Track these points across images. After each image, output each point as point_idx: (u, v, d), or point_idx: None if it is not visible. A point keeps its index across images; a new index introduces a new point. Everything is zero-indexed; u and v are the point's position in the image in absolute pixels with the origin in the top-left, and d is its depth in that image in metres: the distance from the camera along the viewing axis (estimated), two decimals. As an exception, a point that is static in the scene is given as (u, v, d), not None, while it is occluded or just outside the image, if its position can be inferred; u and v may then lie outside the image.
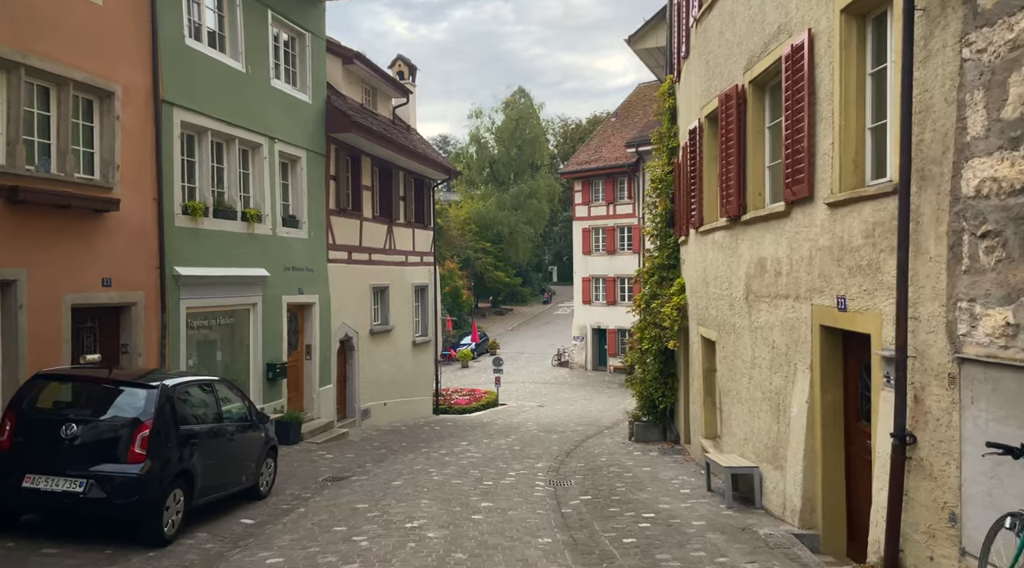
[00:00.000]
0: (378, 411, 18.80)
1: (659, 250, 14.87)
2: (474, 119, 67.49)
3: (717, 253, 10.06)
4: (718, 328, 10.10)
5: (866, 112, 6.40)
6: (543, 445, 15.35)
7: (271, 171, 14.10)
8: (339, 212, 16.84)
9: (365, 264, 18.21)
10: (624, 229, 38.74)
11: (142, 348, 10.85)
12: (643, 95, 44.02)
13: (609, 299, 39.24)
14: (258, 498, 9.20)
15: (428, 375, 22.68)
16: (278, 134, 14.28)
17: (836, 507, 6.92)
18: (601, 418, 22.80)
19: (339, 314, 16.76)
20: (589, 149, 41.85)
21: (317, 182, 15.85)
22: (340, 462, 12.53)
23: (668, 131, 14.66)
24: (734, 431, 9.46)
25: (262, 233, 13.78)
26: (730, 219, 9.29)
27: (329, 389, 16.25)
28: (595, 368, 39.96)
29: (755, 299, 8.55)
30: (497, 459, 13.06)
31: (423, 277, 21.99)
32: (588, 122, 78.49)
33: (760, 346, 8.38)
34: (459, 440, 16.23)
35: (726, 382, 9.80)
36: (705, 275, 10.81)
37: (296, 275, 14.94)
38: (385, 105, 21.01)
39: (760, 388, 8.40)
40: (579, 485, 10.23)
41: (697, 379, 11.80)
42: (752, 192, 8.77)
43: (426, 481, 10.51)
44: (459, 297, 49.99)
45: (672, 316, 12.83)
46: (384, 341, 19.25)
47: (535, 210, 65.01)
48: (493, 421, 21.92)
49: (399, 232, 20.23)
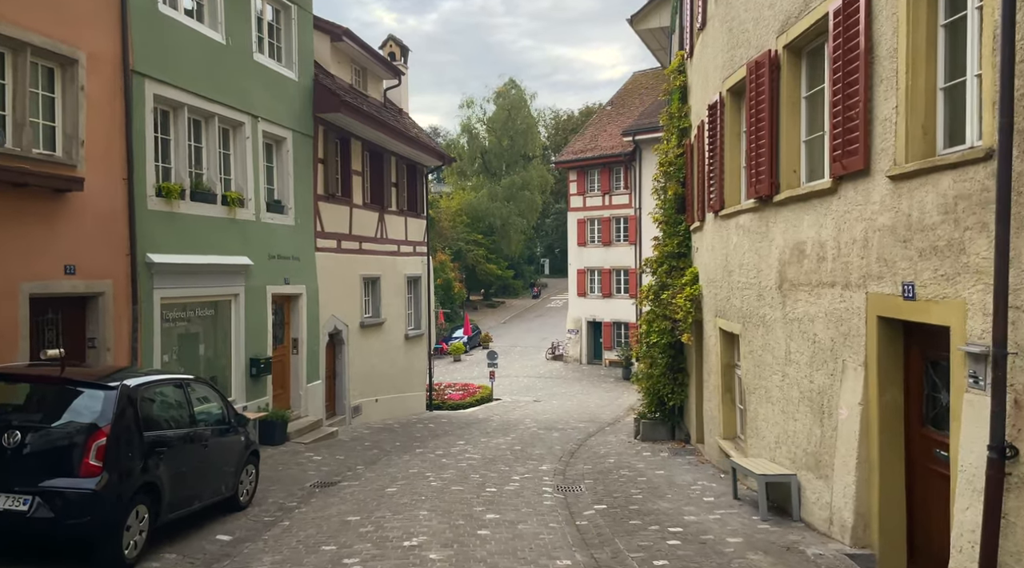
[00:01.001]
0: (369, 408, 17.88)
1: (668, 237, 14.00)
2: (465, 109, 66.34)
3: (742, 238, 9.19)
4: (743, 320, 9.25)
5: (938, 70, 5.54)
6: (545, 444, 14.49)
7: (254, 152, 13.12)
8: (328, 198, 15.87)
9: (355, 253, 17.26)
10: (620, 220, 37.88)
11: (111, 342, 9.89)
12: (639, 83, 43.23)
13: (605, 291, 38.40)
14: (237, 509, 8.28)
15: (421, 370, 21.77)
16: (261, 112, 13.29)
17: (895, 524, 6.09)
18: (601, 414, 21.99)
19: (328, 306, 15.81)
20: (584, 138, 40.93)
21: (304, 165, 14.87)
22: (329, 465, 11.62)
23: (678, 111, 13.77)
24: (762, 433, 8.61)
25: (244, 219, 12.81)
26: (759, 200, 8.42)
27: (317, 385, 15.32)
28: (590, 362, 39.14)
29: (791, 288, 7.69)
30: (498, 461, 12.19)
31: (416, 268, 21.05)
32: (581, 113, 77.58)
33: (797, 340, 7.53)
34: (455, 439, 15.35)
35: (752, 379, 8.95)
36: (727, 263, 9.95)
37: (281, 264, 13.98)
38: (376, 87, 20.02)
39: (797, 387, 7.55)
40: (591, 491, 9.37)
41: (714, 375, 10.96)
42: (786, 169, 7.90)
43: (423, 488, 9.63)
44: (451, 290, 49.09)
45: (685, 308, 11.97)
46: (375, 334, 18.32)
47: (527, 202, 64.05)
48: (489, 417, 21.05)
49: (391, 220, 19.27)
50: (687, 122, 13.47)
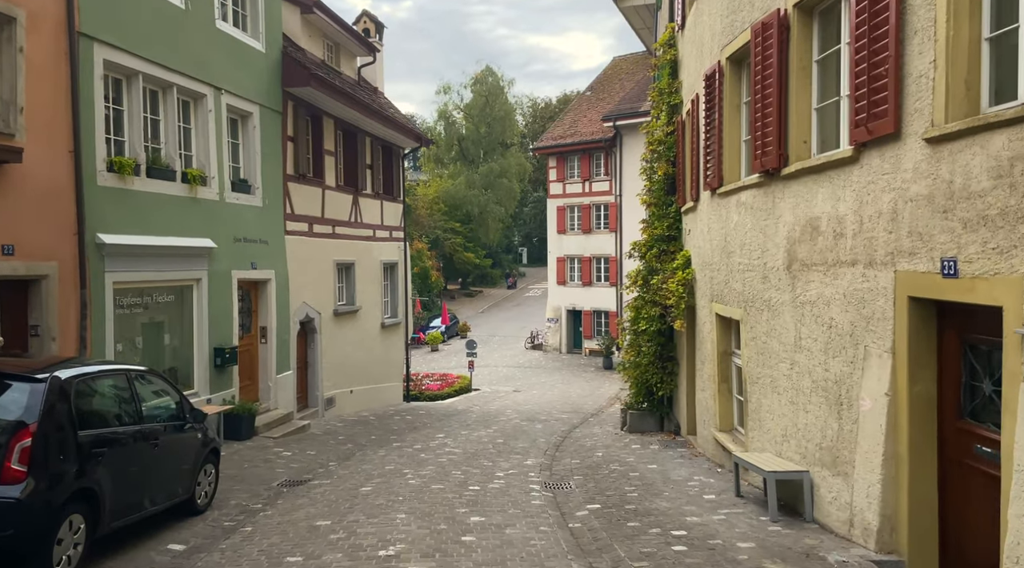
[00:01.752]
0: (343, 400, 17.10)
1: (658, 220, 13.35)
2: (442, 95, 65.29)
3: (744, 216, 8.55)
4: (744, 305, 8.62)
5: (983, 17, 4.90)
6: (528, 437, 13.83)
7: (217, 127, 12.23)
8: (298, 178, 15.01)
9: (328, 238, 16.42)
10: (600, 207, 37.27)
11: (57, 330, 9.03)
12: (619, 69, 42.58)
13: (584, 280, 37.81)
14: (195, 513, 7.51)
15: (398, 360, 21.00)
16: (225, 85, 12.40)
17: (926, 527, 5.49)
18: (583, 404, 21.39)
19: (299, 292, 14.99)
20: (564, 124, 40.20)
21: (272, 143, 13.99)
22: (299, 461, 10.85)
23: (668, 87, 13.10)
24: (766, 426, 8.01)
25: (207, 198, 11.94)
26: (765, 174, 7.77)
27: (288, 376, 14.51)
28: (570, 351, 38.60)
29: (802, 268, 7.06)
30: (480, 455, 11.50)
31: (392, 254, 20.24)
32: (559, 101, 76.78)
33: (810, 325, 6.91)
34: (434, 432, 14.64)
35: (755, 368, 8.33)
36: (726, 244, 9.31)
37: (248, 247, 13.12)
38: (349, 64, 19.11)
39: (809, 376, 6.93)
40: (581, 489, 8.71)
41: (709, 364, 10.34)
42: (795, 140, 7.26)
43: (401, 486, 8.90)
44: (428, 278, 48.20)
45: (678, 293, 11.34)
46: (350, 323, 17.51)
47: (506, 189, 63.22)
48: (469, 408, 20.36)
49: (366, 204, 18.43)
50: (678, 98, 12.80)
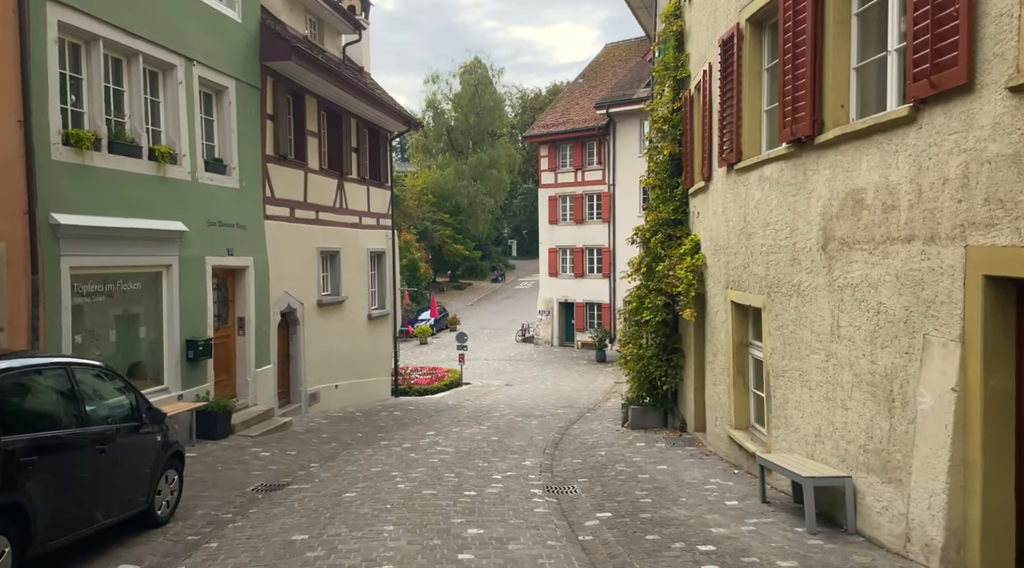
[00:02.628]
0: (328, 395, 16.22)
1: (663, 203, 12.53)
2: (430, 84, 64.21)
3: (769, 193, 7.74)
4: (768, 291, 7.82)
5: (1084, -60, 4.10)
6: (524, 434, 13.02)
7: (189, 101, 11.30)
8: (278, 159, 14.09)
9: (311, 224, 15.51)
10: (594, 197, 36.47)
11: (5, 320, 8.13)
12: (612, 56, 41.77)
13: (577, 271, 37.01)
14: (154, 526, 6.64)
15: (386, 353, 20.12)
16: (198, 55, 11.46)
17: (1002, 544, 4.71)
18: (578, 398, 20.62)
19: (280, 281, 14.08)
20: (556, 112, 39.32)
21: (250, 120, 13.06)
22: (278, 462, 9.99)
23: (674, 60, 12.27)
24: (794, 424, 7.22)
25: (178, 177, 11.01)
26: (794, 144, 6.97)
27: (268, 370, 13.61)
28: (562, 344, 37.83)
29: (842, 248, 6.26)
30: (474, 455, 10.67)
31: (379, 242, 19.33)
32: (548, 91, 75.82)
33: (851, 311, 6.11)
34: (424, 429, 13.80)
35: (780, 360, 7.54)
36: (745, 224, 8.50)
37: (224, 232, 12.21)
38: (334, 42, 18.16)
39: (850, 368, 6.14)
40: (587, 493, 7.91)
41: (723, 356, 9.56)
42: (832, 104, 6.45)
43: (389, 492, 8.06)
44: (417, 270, 47.27)
45: (687, 280, 10.54)
46: (335, 314, 16.62)
47: (495, 180, 62.28)
48: (460, 403, 19.53)
49: (351, 189, 17.52)
50: (685, 72, 11.98)
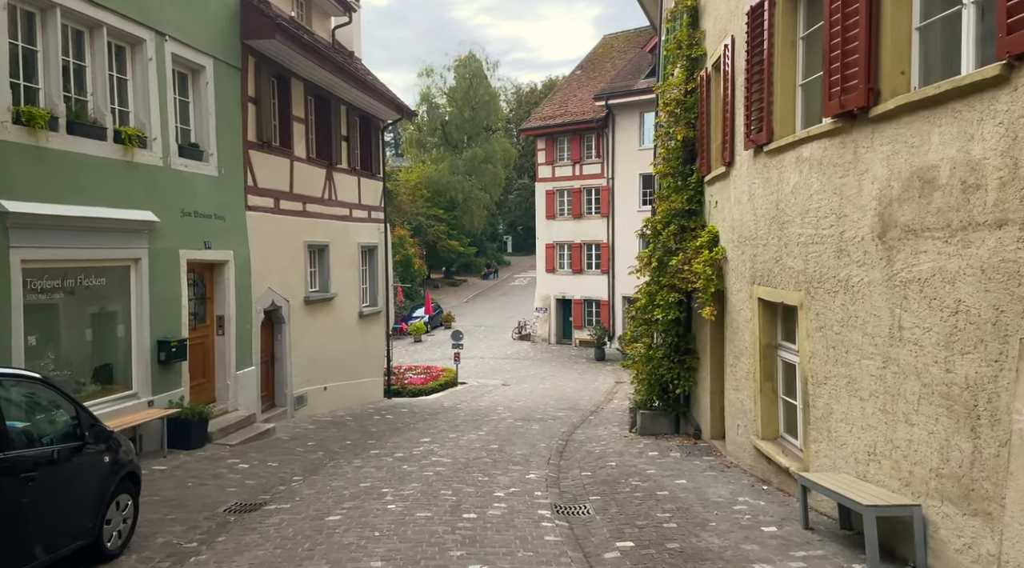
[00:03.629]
0: (316, 398, 15.29)
1: (675, 192, 11.63)
2: (424, 78, 63.13)
3: (809, 175, 6.84)
4: (806, 286, 6.93)
5: None
6: (526, 441, 12.13)
7: (161, 79, 10.34)
8: (262, 146, 13.13)
9: (298, 216, 14.56)
10: (592, 191, 35.59)
11: (-58, 320, 7.19)
12: (610, 47, 40.88)
13: (575, 267, 36.13)
14: (103, 560, 5.71)
15: (378, 352, 19.18)
16: (170, 30, 10.49)
17: None
18: (579, 400, 19.75)
19: (263, 277, 13.13)
20: (553, 104, 38.41)
21: (230, 103, 12.10)
22: (257, 476, 9.07)
23: (688, 38, 11.36)
24: (840, 439, 6.34)
25: (147, 163, 10.05)
26: (843, 118, 6.07)
27: (250, 373, 12.67)
28: (559, 342, 36.97)
29: (906, 236, 5.36)
30: (473, 467, 9.77)
31: (371, 236, 18.38)
32: (544, 86, 74.89)
33: (919, 310, 5.22)
34: (419, 435, 12.89)
35: (822, 365, 6.65)
36: (777, 212, 7.60)
37: (200, 223, 11.26)
38: (323, 24, 17.20)
39: (917, 377, 5.25)
40: (603, 515, 7.01)
41: (748, 358, 8.67)
42: (890, 70, 5.56)
43: (378, 514, 7.14)
44: (411, 266, 46.34)
45: (705, 275, 9.65)
46: (324, 312, 15.68)
47: (490, 176, 61.32)
48: (456, 405, 18.63)
49: (341, 179, 16.56)
50: (700, 50, 11.08)
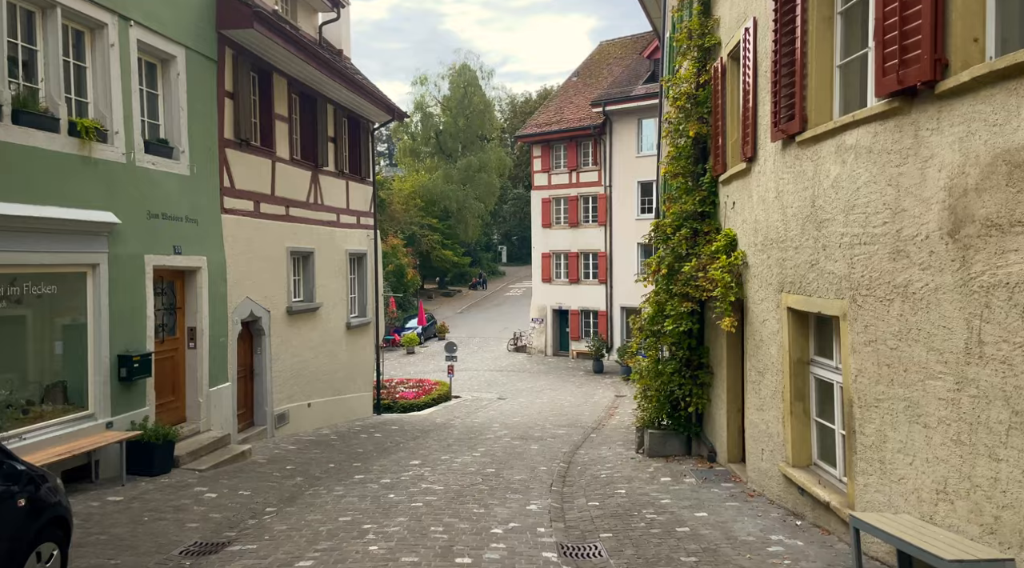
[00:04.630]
0: (299, 415, 14.30)
1: (687, 193, 10.75)
2: (418, 86, 62.51)
3: (855, 166, 5.95)
4: (851, 293, 6.02)
5: None
6: (524, 463, 11.17)
7: (124, 68, 9.41)
8: (240, 145, 12.20)
9: (280, 220, 13.62)
10: (589, 199, 34.76)
11: None
12: (607, 53, 40.21)
13: (572, 277, 35.24)
14: (20, 624, 4.75)
15: (367, 365, 18.20)
16: (135, 14, 9.58)
17: None
18: (579, 415, 18.80)
19: (240, 285, 12.18)
20: (549, 110, 37.64)
21: (205, 97, 11.18)
22: (224, 508, 8.08)
23: (700, 27, 10.51)
24: (898, 472, 5.42)
25: (108, 159, 9.11)
26: (900, 96, 5.18)
27: (225, 389, 11.68)
28: (556, 353, 36.02)
29: (987, 232, 4.47)
30: (467, 495, 8.80)
31: (360, 242, 17.45)
32: (539, 95, 74.32)
33: (1009, 321, 4.31)
34: (408, 456, 11.90)
35: (873, 385, 5.74)
36: (813, 210, 6.70)
37: (169, 226, 10.31)
38: (309, 20, 16.33)
39: (1006, 402, 4.34)
40: (617, 559, 6.06)
41: (774, 375, 7.75)
42: (961, 37, 4.68)
43: (357, 559, 6.17)
44: (404, 276, 45.35)
45: (724, 282, 8.74)
46: (308, 323, 14.72)
47: (485, 185, 60.58)
48: (449, 421, 17.64)
49: (328, 183, 15.65)
50: (714, 39, 10.22)
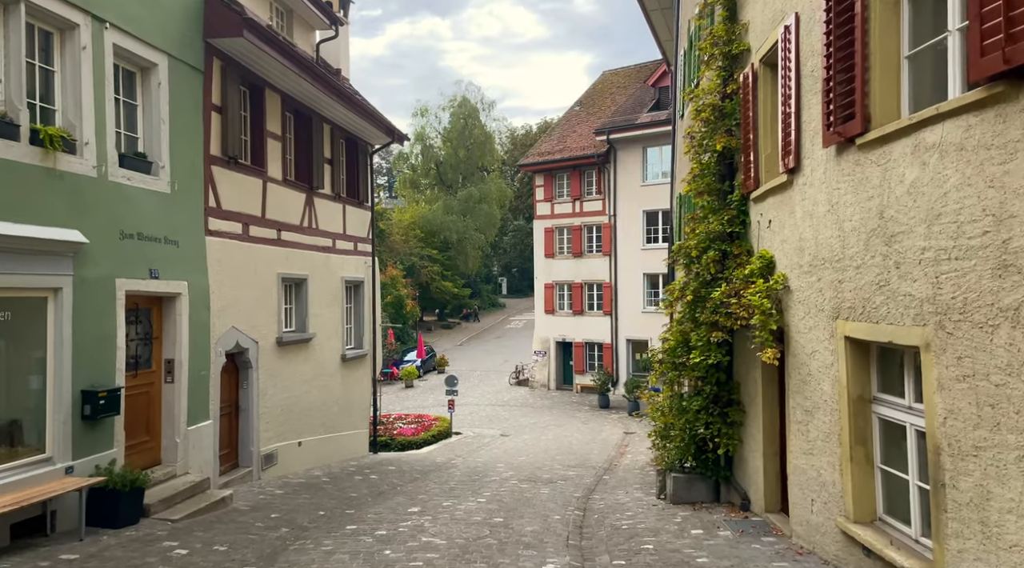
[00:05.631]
0: (289, 455, 13.21)
1: (713, 213, 9.84)
2: (419, 118, 62.25)
3: (941, 167, 5.01)
4: (938, 319, 5.05)
5: None
6: (535, 511, 10.08)
7: (98, 74, 8.55)
8: (227, 162, 11.33)
9: (271, 244, 12.69)
10: (593, 228, 33.98)
11: None
12: (609, 83, 39.84)
13: (576, 308, 34.28)
14: None
15: (363, 400, 17.12)
16: (111, 16, 8.75)
17: None
18: (589, 454, 17.71)
19: (226, 313, 11.20)
20: (552, 139, 37.08)
21: (189, 110, 10.33)
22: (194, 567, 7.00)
23: (726, 33, 9.70)
24: (1006, 536, 4.40)
25: (76, 172, 8.20)
26: (1005, 80, 4.29)
27: (205, 428, 10.63)
28: (559, 387, 34.92)
29: None
30: (473, 552, 7.72)
31: (357, 270, 16.51)
32: (539, 128, 74.18)
33: None
34: (407, 501, 10.81)
35: (970, 429, 4.75)
36: (881, 222, 5.76)
37: (146, 248, 9.37)
38: (305, 38, 15.61)
39: None
40: (659, 640, 5.01)
41: (829, 414, 6.75)
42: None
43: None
44: (403, 307, 44.37)
45: (763, 308, 7.77)
46: (300, 355, 13.70)
47: (486, 216, 60.03)
48: (450, 461, 16.52)
49: (323, 206, 14.76)
50: (743, 44, 9.40)
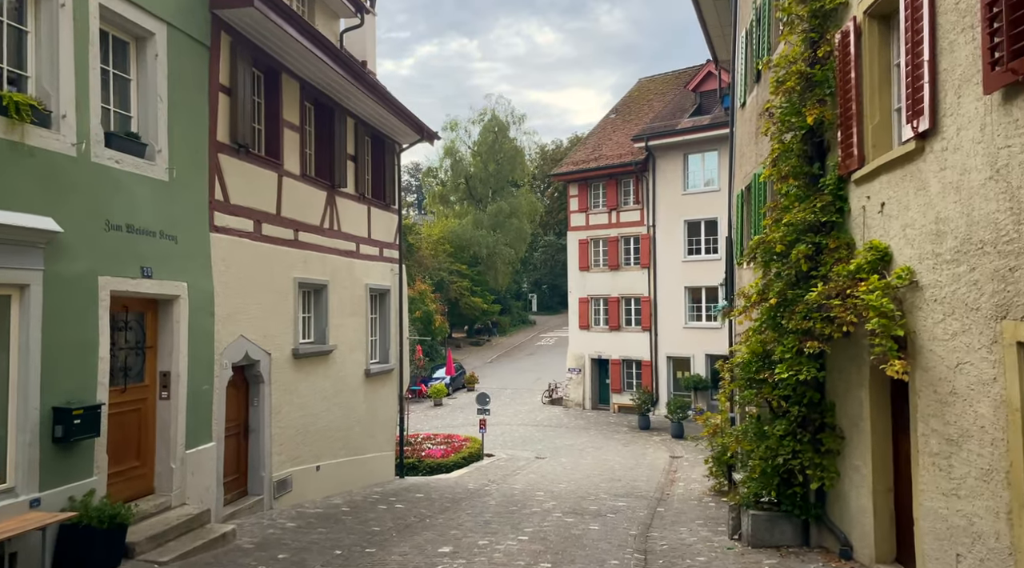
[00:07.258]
0: (305, 481, 11.80)
1: (799, 202, 8.31)
2: (448, 132, 61.33)
3: None
4: None
5: None
6: (587, 552, 8.54)
7: (80, 39, 7.32)
8: (237, 151, 10.06)
9: (287, 245, 11.38)
10: (631, 240, 32.38)
11: None
12: (646, 90, 38.42)
13: (612, 323, 32.62)
14: None
15: (389, 419, 15.69)
16: (99, -29, 7.55)
17: None
18: (635, 481, 16.09)
19: (233, 320, 9.87)
20: (587, 148, 35.68)
21: (191, 87, 9.08)
22: (175, 631, 5.59)
23: (815, -10, 8.22)
24: None
25: (49, 149, 6.93)
26: None
27: (207, 451, 9.26)
28: (595, 407, 33.19)
29: None
30: (520, 611, 6.21)
31: (383, 277, 15.16)
32: (570, 142, 72.96)
33: None
34: (437, 538, 9.31)
35: None
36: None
37: (138, 242, 8.07)
38: (328, 26, 14.42)
39: None
40: None
41: (989, 445, 5.16)
42: None
43: None
44: (432, 323, 43.02)
45: (884, 309, 6.21)
46: (319, 368, 12.34)
47: (516, 231, 58.70)
48: (483, 487, 15.00)
49: (346, 207, 13.46)
50: (835, 1, 7.92)
